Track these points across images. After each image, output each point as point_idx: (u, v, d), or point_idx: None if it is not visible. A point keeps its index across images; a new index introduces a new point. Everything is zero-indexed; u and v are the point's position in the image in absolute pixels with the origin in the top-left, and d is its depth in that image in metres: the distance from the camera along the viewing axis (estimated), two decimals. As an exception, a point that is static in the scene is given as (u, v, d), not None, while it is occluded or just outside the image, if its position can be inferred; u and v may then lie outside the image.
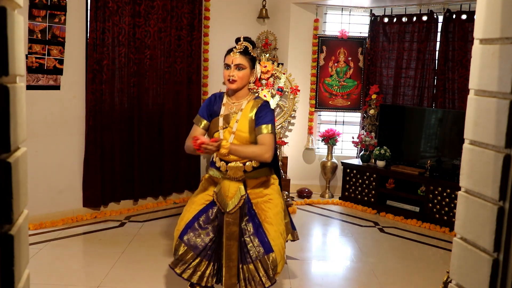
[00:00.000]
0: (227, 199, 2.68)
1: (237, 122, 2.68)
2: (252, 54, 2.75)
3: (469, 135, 1.25)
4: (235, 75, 2.67)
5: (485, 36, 1.20)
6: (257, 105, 2.70)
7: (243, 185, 2.70)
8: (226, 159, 2.71)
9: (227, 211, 2.67)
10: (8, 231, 0.98)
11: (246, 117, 2.68)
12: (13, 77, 1.03)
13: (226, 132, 2.70)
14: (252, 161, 2.70)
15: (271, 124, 2.65)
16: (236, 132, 2.67)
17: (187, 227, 2.73)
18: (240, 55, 2.70)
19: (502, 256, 1.11)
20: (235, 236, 2.67)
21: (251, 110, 2.69)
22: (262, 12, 5.79)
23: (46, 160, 4.41)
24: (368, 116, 5.75)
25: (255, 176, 2.75)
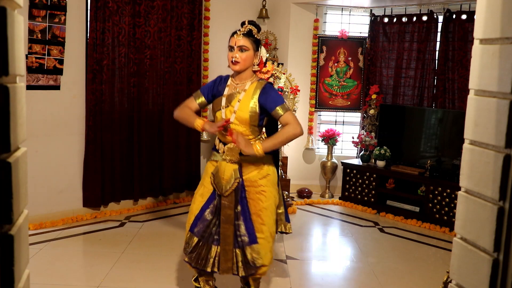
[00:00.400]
0: (223, 181, 2.74)
1: (239, 102, 2.70)
2: (256, 36, 2.75)
3: (469, 135, 1.25)
4: (238, 57, 2.69)
5: (485, 36, 1.20)
6: (261, 86, 2.72)
7: (238, 168, 2.74)
8: (224, 140, 2.76)
9: (223, 193, 2.73)
10: (8, 231, 0.98)
11: (249, 98, 2.70)
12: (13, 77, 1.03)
13: (228, 111, 2.73)
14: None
15: (283, 103, 2.68)
16: (237, 111, 2.69)
17: (196, 219, 2.78)
18: (243, 37, 2.71)
19: (502, 256, 1.11)
20: (230, 220, 2.72)
21: (254, 91, 2.71)
22: (262, 12, 5.79)
23: (46, 160, 4.41)
24: (368, 116, 5.75)
25: (251, 161, 2.74)
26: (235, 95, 2.73)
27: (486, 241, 1.15)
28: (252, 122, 2.70)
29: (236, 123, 2.70)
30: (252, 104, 2.69)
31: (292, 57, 5.84)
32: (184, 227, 4.53)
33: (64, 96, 4.48)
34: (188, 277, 3.47)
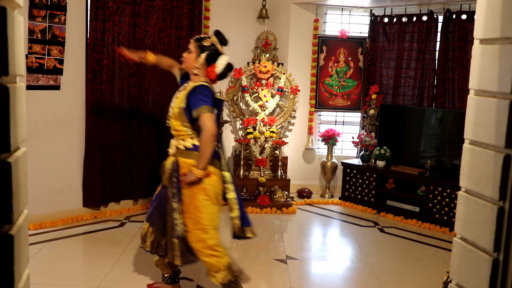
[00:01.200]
0: (165, 171, 2.99)
1: (176, 99, 2.97)
2: (204, 43, 2.94)
3: (469, 135, 1.25)
4: (184, 56, 2.99)
5: (485, 36, 1.20)
6: (193, 87, 2.90)
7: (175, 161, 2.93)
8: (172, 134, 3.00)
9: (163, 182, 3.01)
10: (8, 231, 0.98)
11: (183, 96, 2.91)
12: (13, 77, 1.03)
13: (172, 103, 3.00)
14: (185, 141, 2.90)
15: (198, 107, 2.80)
16: (173, 106, 2.96)
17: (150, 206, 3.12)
18: (193, 41, 2.97)
19: (502, 256, 1.11)
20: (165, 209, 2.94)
21: (189, 91, 2.90)
22: (262, 12, 5.79)
23: (46, 160, 4.41)
24: (368, 116, 5.75)
25: (185, 155, 2.91)
26: (179, 93, 3.00)
27: (486, 241, 1.15)
28: (181, 118, 2.88)
29: (171, 116, 2.95)
30: (182, 101, 2.89)
31: (292, 57, 5.84)
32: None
33: (64, 96, 4.48)
34: (189, 277, 3.47)
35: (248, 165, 5.47)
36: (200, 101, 2.82)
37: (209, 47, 2.94)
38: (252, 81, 5.57)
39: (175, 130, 2.96)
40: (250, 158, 5.45)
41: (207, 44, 2.94)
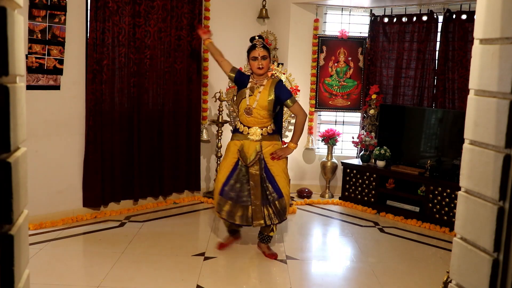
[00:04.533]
0: (248, 155, 3.71)
1: (260, 93, 3.70)
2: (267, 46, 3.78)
3: (469, 135, 1.25)
4: (263, 64, 3.70)
5: (485, 36, 1.20)
6: (275, 82, 3.75)
7: (259, 145, 3.72)
8: (247, 124, 3.76)
9: (247, 164, 3.69)
10: (8, 231, 0.98)
11: (267, 90, 3.70)
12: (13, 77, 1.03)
13: (251, 99, 3.71)
14: (267, 128, 3.75)
15: (291, 96, 3.78)
16: (259, 99, 3.68)
17: (223, 186, 3.73)
18: (263, 49, 3.72)
19: (502, 256, 1.11)
20: (258, 184, 3.68)
21: (271, 86, 3.72)
22: (262, 12, 5.79)
23: (46, 160, 4.41)
24: (368, 116, 5.75)
25: (269, 139, 3.76)
26: (257, 88, 3.73)
27: (486, 241, 1.15)
28: (269, 107, 3.69)
29: (258, 108, 3.69)
30: (269, 94, 3.69)
31: (292, 57, 5.84)
32: (184, 227, 4.55)
33: (64, 96, 4.48)
34: (189, 277, 3.47)
35: (248, 165, 5.47)
36: (289, 92, 3.83)
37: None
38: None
39: (260, 119, 3.72)
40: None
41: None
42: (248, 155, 3.70)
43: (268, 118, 3.73)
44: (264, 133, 3.74)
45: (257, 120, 3.72)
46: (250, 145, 3.72)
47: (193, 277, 3.46)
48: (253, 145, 3.71)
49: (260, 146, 3.72)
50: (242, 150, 3.73)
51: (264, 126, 3.74)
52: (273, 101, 3.68)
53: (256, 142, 3.72)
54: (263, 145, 3.73)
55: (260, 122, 3.73)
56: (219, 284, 3.41)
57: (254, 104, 3.68)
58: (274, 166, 3.71)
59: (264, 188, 3.67)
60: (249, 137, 3.74)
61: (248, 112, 3.71)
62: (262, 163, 3.69)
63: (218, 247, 4.01)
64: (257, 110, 3.68)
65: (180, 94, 5.20)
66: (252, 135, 3.74)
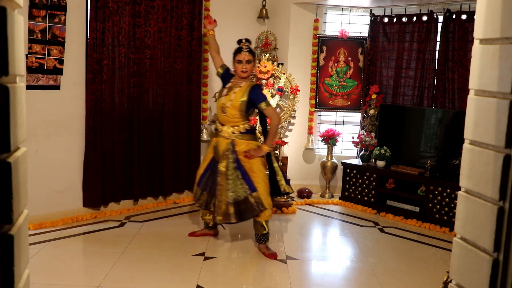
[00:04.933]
0: (220, 152, 3.91)
1: (235, 94, 3.88)
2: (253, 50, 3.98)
3: (469, 135, 1.25)
4: (247, 68, 3.91)
5: (485, 36, 1.20)
6: (251, 86, 3.93)
7: (230, 142, 3.88)
8: (222, 122, 3.94)
9: (218, 160, 3.90)
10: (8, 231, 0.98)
11: (242, 92, 3.88)
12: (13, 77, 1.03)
13: (227, 98, 3.90)
14: (239, 127, 3.90)
15: (264, 100, 3.91)
16: (233, 99, 3.87)
17: (201, 177, 4.04)
18: (249, 53, 3.94)
19: (502, 256, 1.11)
20: (223, 181, 3.86)
21: (246, 88, 3.89)
22: (262, 12, 5.79)
23: (46, 160, 4.41)
24: (368, 116, 5.75)
25: (242, 137, 3.91)
26: (233, 88, 3.92)
27: (486, 241, 1.15)
28: (240, 108, 3.86)
29: (230, 108, 3.87)
30: (242, 96, 3.86)
31: (292, 57, 5.84)
32: (184, 227, 4.55)
33: (64, 96, 4.48)
34: (188, 277, 3.47)
35: (248, 165, 5.47)
36: (264, 96, 3.95)
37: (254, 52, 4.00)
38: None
39: (231, 118, 3.88)
40: (250, 158, 5.45)
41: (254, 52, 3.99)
42: (221, 151, 3.91)
43: (239, 118, 3.88)
44: (235, 131, 3.90)
45: (229, 119, 3.90)
46: (223, 142, 3.92)
47: (193, 277, 3.46)
48: (225, 142, 3.91)
49: (231, 143, 3.88)
50: (217, 146, 3.95)
51: (235, 125, 3.90)
52: (245, 103, 3.84)
53: (227, 139, 3.90)
54: (236, 143, 3.89)
55: (232, 121, 3.90)
56: (219, 284, 3.41)
57: (228, 103, 3.88)
58: (248, 164, 3.85)
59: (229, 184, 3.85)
60: (221, 135, 3.94)
61: (223, 110, 3.91)
62: (234, 160, 3.85)
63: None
64: (230, 109, 3.87)
65: (180, 94, 5.20)
66: (224, 133, 3.93)
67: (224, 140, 3.91)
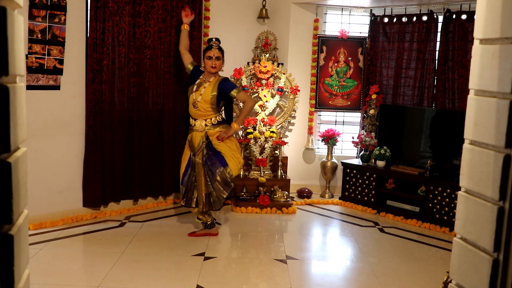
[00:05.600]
0: (195, 145, 4.17)
1: (204, 88, 4.17)
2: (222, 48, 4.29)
3: (469, 135, 1.25)
4: (216, 64, 4.20)
5: (485, 36, 1.20)
6: (220, 80, 4.22)
7: (204, 135, 4.14)
8: (194, 117, 4.19)
9: (194, 153, 4.17)
10: (8, 231, 0.98)
11: (211, 86, 4.17)
12: (13, 77, 1.03)
13: (197, 93, 4.17)
14: (211, 119, 4.18)
15: (235, 87, 4.24)
16: (202, 94, 4.14)
17: (183, 176, 4.24)
18: (218, 50, 4.23)
19: (502, 256, 1.11)
20: (201, 171, 4.12)
21: (215, 83, 4.19)
22: (262, 12, 5.79)
23: (46, 160, 4.41)
24: (368, 116, 5.75)
25: (214, 128, 4.18)
26: (203, 84, 4.21)
27: (486, 241, 1.15)
28: (211, 102, 4.13)
29: (201, 102, 4.13)
30: (212, 90, 4.14)
31: (292, 57, 5.84)
32: (184, 227, 4.55)
33: (64, 96, 4.48)
34: (188, 277, 3.47)
35: (248, 165, 5.47)
36: (233, 85, 4.29)
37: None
38: (252, 81, 5.57)
39: (204, 112, 4.13)
40: (250, 158, 5.45)
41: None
42: (196, 144, 4.15)
43: (211, 111, 4.15)
44: (208, 123, 4.17)
45: (201, 113, 4.15)
46: (197, 135, 4.16)
47: (193, 277, 3.46)
48: (199, 135, 4.15)
49: (205, 136, 4.14)
50: (191, 140, 4.19)
51: (208, 118, 4.16)
52: (216, 96, 4.12)
53: (201, 132, 4.15)
54: (210, 134, 4.16)
55: (204, 114, 4.15)
56: (219, 284, 3.41)
57: (199, 98, 4.13)
58: (221, 145, 4.13)
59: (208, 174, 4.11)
60: (195, 129, 4.18)
61: (194, 105, 4.16)
62: (207, 150, 4.11)
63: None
64: (201, 103, 4.12)
65: (180, 94, 5.19)
66: (197, 127, 4.17)
67: (198, 133, 4.15)
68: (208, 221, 4.30)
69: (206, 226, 4.32)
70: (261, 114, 5.44)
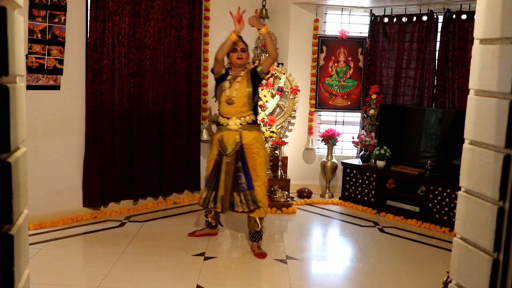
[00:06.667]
0: (227, 145, 3.87)
1: (238, 83, 3.90)
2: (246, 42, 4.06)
3: (469, 135, 1.25)
4: (243, 55, 3.94)
5: (485, 36, 1.20)
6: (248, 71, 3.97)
7: (239, 135, 3.85)
8: (227, 116, 3.91)
9: (226, 153, 3.87)
10: (8, 231, 0.98)
11: (245, 80, 3.91)
12: (13, 77, 1.03)
13: (231, 90, 3.89)
14: (246, 118, 3.89)
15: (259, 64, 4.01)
16: (238, 89, 3.87)
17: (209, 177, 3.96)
18: (242, 43, 3.98)
19: (502, 256, 1.11)
20: (231, 173, 3.86)
21: (247, 74, 3.93)
22: (262, 12, 5.79)
23: (46, 160, 4.41)
24: (368, 116, 5.75)
25: (249, 129, 3.89)
26: (236, 79, 3.93)
27: (486, 241, 1.15)
28: (248, 95, 3.86)
29: (238, 97, 3.85)
30: (247, 85, 3.88)
31: (292, 57, 5.84)
32: (184, 227, 4.55)
33: (64, 96, 4.48)
34: (188, 277, 3.47)
35: (248, 165, 5.46)
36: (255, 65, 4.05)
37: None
38: (252, 81, 5.56)
39: (239, 109, 3.86)
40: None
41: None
42: (228, 145, 3.86)
43: (247, 107, 3.88)
44: (243, 122, 3.88)
45: (237, 110, 3.87)
46: (230, 135, 3.87)
47: (193, 277, 3.46)
48: (233, 135, 3.86)
49: (240, 136, 3.85)
50: (222, 140, 3.89)
51: (243, 116, 3.88)
52: (251, 91, 3.87)
53: (235, 131, 3.86)
54: (244, 135, 3.86)
55: (240, 111, 3.88)
56: (219, 284, 3.41)
57: (234, 93, 3.87)
58: (251, 159, 3.85)
59: (237, 177, 3.85)
60: (229, 128, 3.89)
61: (229, 102, 3.87)
62: (240, 152, 3.84)
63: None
64: (237, 98, 3.86)
65: (180, 94, 5.19)
66: (231, 126, 3.88)
67: (232, 133, 3.87)
68: (213, 222, 4.24)
69: (209, 226, 4.27)
70: (261, 114, 5.44)
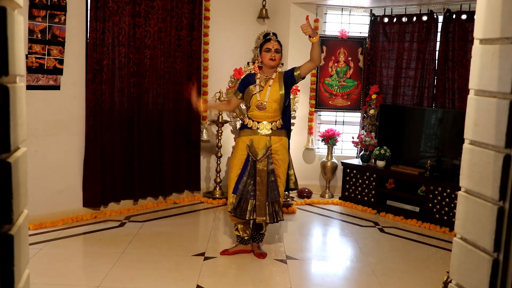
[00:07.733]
0: (258, 150, 3.71)
1: (270, 87, 3.72)
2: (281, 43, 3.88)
3: (469, 135, 1.25)
4: (276, 57, 3.75)
5: (485, 36, 1.20)
6: (282, 75, 3.78)
7: (269, 139, 3.71)
8: (258, 119, 3.74)
9: (257, 159, 3.69)
10: (8, 231, 0.98)
11: (277, 83, 3.73)
12: (13, 77, 1.03)
13: (262, 94, 3.72)
14: (277, 122, 3.74)
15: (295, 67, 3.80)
16: (270, 93, 3.70)
17: (236, 183, 3.72)
18: (277, 43, 3.83)
19: (502, 256, 1.11)
20: (264, 180, 3.68)
21: (279, 78, 3.75)
22: (262, 12, 5.79)
23: (46, 160, 4.41)
24: (368, 116, 5.75)
25: (277, 134, 3.75)
26: (268, 82, 3.74)
27: (486, 241, 1.15)
28: (280, 99, 3.71)
29: (270, 102, 3.69)
30: (280, 89, 3.71)
31: (292, 57, 5.84)
32: (184, 227, 4.55)
33: (64, 96, 4.48)
34: (189, 277, 3.47)
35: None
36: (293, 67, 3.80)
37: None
38: (252, 81, 5.57)
39: (272, 113, 3.71)
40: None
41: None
42: (258, 150, 3.70)
43: (278, 112, 3.74)
44: (273, 127, 3.73)
45: (269, 115, 3.72)
46: (260, 139, 3.72)
47: (193, 277, 3.46)
48: (263, 139, 3.71)
49: (269, 140, 3.71)
50: (252, 145, 3.72)
51: (274, 120, 3.74)
52: (284, 94, 3.71)
53: (266, 136, 3.72)
54: (272, 140, 3.72)
55: (272, 116, 3.72)
56: (219, 284, 3.41)
57: (266, 98, 3.70)
58: (277, 164, 3.73)
59: (271, 184, 3.70)
60: (259, 132, 3.73)
61: (260, 107, 3.70)
62: (270, 157, 3.70)
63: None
64: (269, 103, 3.69)
65: (180, 94, 5.19)
66: (262, 130, 3.72)
67: (263, 137, 3.71)
68: (245, 236, 3.91)
69: (241, 241, 3.93)
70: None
